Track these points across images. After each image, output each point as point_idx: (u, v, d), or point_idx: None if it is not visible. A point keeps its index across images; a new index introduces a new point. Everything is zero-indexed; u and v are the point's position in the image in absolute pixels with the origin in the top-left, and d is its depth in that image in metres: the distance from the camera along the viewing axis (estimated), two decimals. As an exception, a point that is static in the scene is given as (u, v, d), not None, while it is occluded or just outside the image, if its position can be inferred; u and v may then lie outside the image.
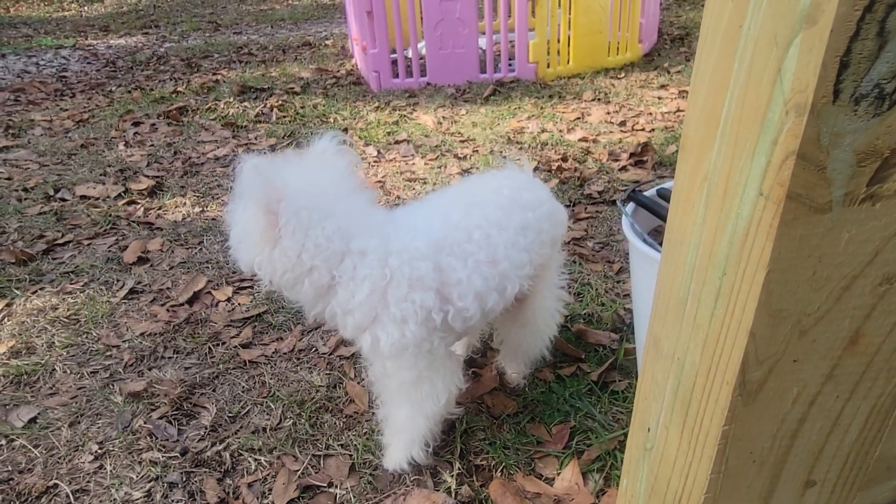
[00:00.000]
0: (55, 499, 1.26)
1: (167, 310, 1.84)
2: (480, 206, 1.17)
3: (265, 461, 1.32)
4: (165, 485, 1.27)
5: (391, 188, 2.57)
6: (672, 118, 3.21)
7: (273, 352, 1.65)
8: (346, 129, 3.29)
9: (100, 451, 1.36)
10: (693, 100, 0.54)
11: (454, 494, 1.21)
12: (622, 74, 4.01)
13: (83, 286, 1.97)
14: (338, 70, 4.58)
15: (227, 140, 3.23)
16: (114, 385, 1.55)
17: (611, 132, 3.07)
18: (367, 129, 3.26)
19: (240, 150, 3.08)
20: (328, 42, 5.71)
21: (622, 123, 3.17)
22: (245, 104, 3.77)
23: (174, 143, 3.22)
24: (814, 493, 0.65)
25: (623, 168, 2.64)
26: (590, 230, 2.17)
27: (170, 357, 1.65)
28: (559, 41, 3.99)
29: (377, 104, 3.67)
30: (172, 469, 1.31)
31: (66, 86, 4.59)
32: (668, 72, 4.00)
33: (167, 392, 1.50)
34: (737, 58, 0.47)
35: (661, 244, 0.66)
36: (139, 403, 1.48)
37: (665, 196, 1.36)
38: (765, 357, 0.53)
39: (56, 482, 1.29)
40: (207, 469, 1.31)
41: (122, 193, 2.64)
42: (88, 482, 1.29)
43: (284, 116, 3.54)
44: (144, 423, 1.42)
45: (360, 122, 3.40)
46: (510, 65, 4.09)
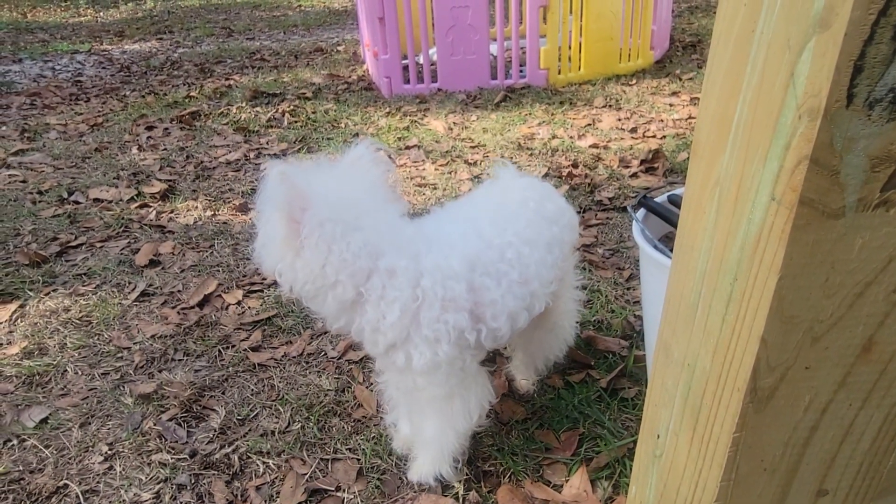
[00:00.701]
0: (65, 499, 1.26)
1: (178, 312, 1.85)
2: (512, 221, 1.15)
3: (273, 464, 1.32)
4: (174, 486, 1.27)
5: (401, 194, 2.58)
6: (683, 125, 3.20)
7: (282, 355, 1.66)
8: (357, 135, 3.31)
9: (110, 452, 1.37)
10: (705, 104, 0.54)
11: (462, 500, 1.20)
12: (633, 81, 4.00)
13: (95, 288, 1.99)
14: (349, 76, 4.61)
15: (239, 145, 3.25)
16: (124, 387, 1.56)
17: (622, 139, 3.06)
18: (378, 135, 3.28)
19: (251, 155, 3.10)
20: (340, 48, 5.74)
21: (633, 130, 3.16)
22: (257, 109, 3.80)
23: (187, 148, 3.24)
24: (826, 503, 0.64)
25: (634, 175, 2.63)
26: (600, 237, 2.16)
27: (180, 359, 1.66)
28: (570, 48, 3.99)
29: (388, 110, 3.69)
30: (181, 471, 1.31)
31: (81, 90, 4.64)
32: (680, 79, 3.99)
33: (177, 394, 1.50)
34: (749, 62, 0.47)
35: (672, 250, 0.66)
36: (149, 405, 1.49)
37: (676, 202, 1.36)
38: (776, 364, 0.52)
39: (66, 482, 1.29)
40: (216, 471, 1.31)
41: (135, 197, 2.66)
42: (98, 483, 1.30)
43: (296, 121, 3.56)
44: (154, 425, 1.43)
45: (371, 128, 3.41)
46: (521, 71, 4.09)
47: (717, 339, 0.56)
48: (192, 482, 1.29)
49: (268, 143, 3.25)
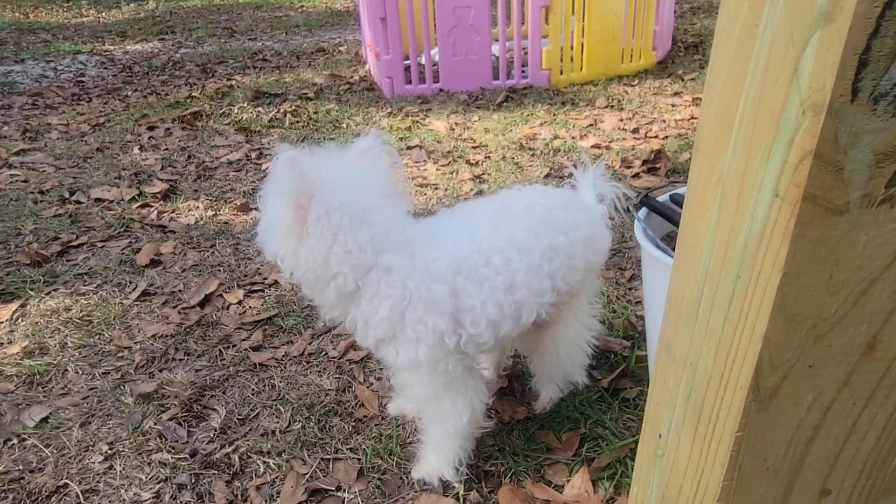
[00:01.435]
0: (65, 498, 1.26)
1: (179, 312, 1.85)
2: (508, 225, 1.11)
3: (274, 464, 1.31)
4: (174, 486, 1.27)
5: (406, 189, 2.58)
6: (686, 125, 3.19)
7: (283, 355, 1.65)
8: (359, 135, 3.30)
9: (110, 452, 1.36)
10: (707, 101, 0.53)
11: (463, 500, 1.20)
12: (636, 82, 4.00)
13: (96, 288, 1.99)
14: (351, 76, 4.61)
15: (241, 145, 3.25)
16: (125, 386, 1.55)
17: (624, 139, 3.06)
18: (380, 135, 3.27)
19: (253, 155, 3.10)
20: (342, 48, 5.74)
21: (635, 130, 3.16)
22: (259, 109, 3.80)
23: (188, 148, 3.24)
24: (829, 503, 0.64)
25: (636, 175, 2.63)
26: (602, 237, 2.15)
27: (181, 359, 1.66)
28: (572, 48, 3.99)
29: (390, 110, 3.69)
30: (182, 470, 1.31)
31: (83, 90, 4.64)
32: (682, 79, 3.98)
33: (177, 394, 1.50)
34: (752, 57, 0.46)
35: (674, 249, 0.65)
36: (150, 405, 1.49)
37: (678, 201, 1.35)
38: (779, 362, 0.52)
39: (66, 482, 1.29)
40: (216, 471, 1.31)
41: (137, 196, 2.66)
42: (98, 482, 1.29)
43: (298, 122, 3.56)
44: (154, 425, 1.42)
45: (373, 128, 3.41)
46: (523, 71, 4.09)
47: (720, 338, 0.55)
48: (193, 482, 1.28)
49: (269, 144, 3.25)
